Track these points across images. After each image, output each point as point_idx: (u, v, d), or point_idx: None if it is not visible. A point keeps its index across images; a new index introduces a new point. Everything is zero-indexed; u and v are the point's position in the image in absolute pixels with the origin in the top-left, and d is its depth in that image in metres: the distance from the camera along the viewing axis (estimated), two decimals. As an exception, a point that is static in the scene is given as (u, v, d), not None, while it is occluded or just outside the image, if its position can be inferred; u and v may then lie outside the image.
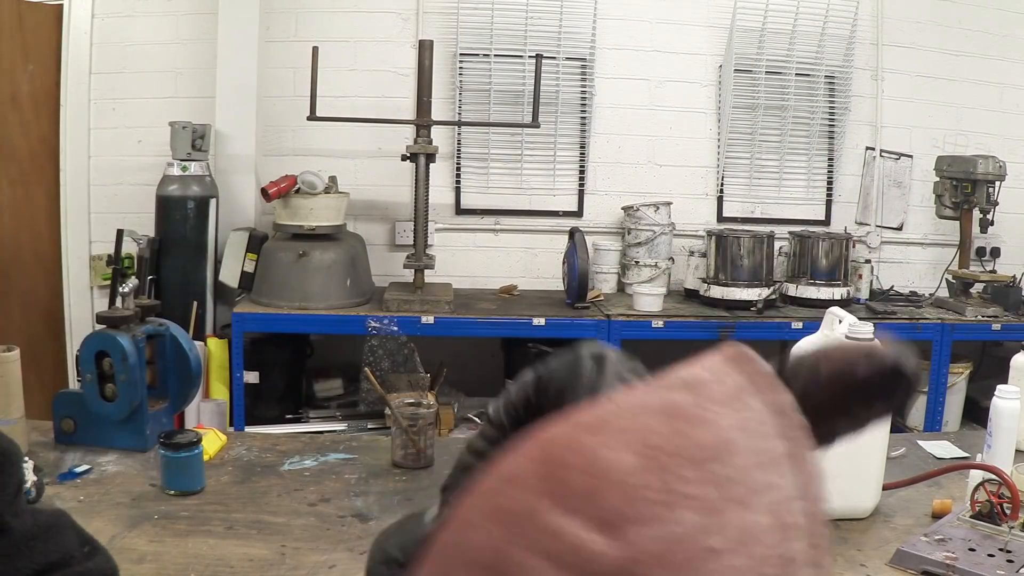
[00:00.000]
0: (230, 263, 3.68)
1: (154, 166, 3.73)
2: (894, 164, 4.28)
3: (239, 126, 3.83)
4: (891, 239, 4.31)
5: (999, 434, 1.66)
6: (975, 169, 3.73)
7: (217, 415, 3.38)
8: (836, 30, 4.15)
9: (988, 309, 3.77)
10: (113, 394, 1.78)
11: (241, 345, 3.42)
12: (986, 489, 1.49)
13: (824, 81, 4.20)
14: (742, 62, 4.13)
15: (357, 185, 3.96)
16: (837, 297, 3.73)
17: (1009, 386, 1.69)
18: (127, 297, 1.94)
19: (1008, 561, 1.37)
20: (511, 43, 4.02)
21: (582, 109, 4.12)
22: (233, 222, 3.78)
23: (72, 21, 3.82)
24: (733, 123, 4.18)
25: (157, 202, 3.65)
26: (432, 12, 4.01)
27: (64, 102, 3.84)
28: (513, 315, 3.56)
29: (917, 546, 1.41)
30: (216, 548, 1.41)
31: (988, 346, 4.02)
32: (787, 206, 4.27)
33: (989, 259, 4.20)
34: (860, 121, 4.25)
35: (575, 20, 4.05)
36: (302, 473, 1.77)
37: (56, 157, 3.87)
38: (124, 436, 1.81)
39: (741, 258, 3.70)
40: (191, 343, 1.93)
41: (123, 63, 3.88)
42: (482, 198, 4.13)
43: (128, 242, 3.47)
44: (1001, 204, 3.84)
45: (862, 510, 1.59)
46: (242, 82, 3.81)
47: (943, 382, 3.72)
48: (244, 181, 3.85)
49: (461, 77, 4.04)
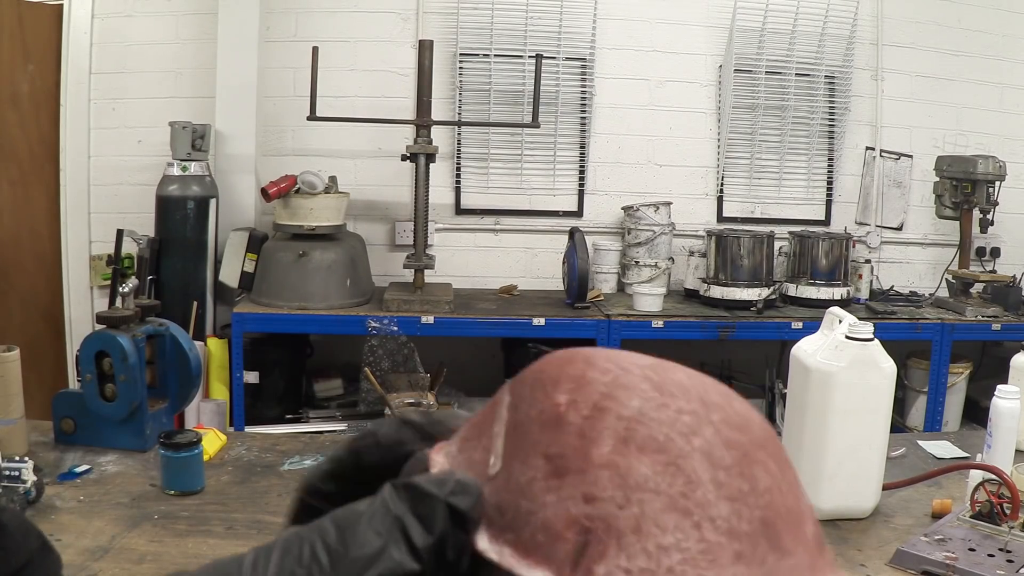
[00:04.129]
0: (230, 263, 3.68)
1: (154, 166, 3.73)
2: (894, 164, 4.28)
3: (239, 126, 3.83)
4: (891, 239, 4.31)
5: (999, 434, 1.66)
6: (975, 169, 3.73)
7: (217, 415, 3.38)
8: (836, 30, 4.15)
9: (988, 309, 3.77)
10: (113, 394, 1.78)
11: (241, 345, 3.42)
12: (986, 489, 1.49)
13: (824, 81, 4.20)
14: (742, 62, 4.13)
15: (357, 185, 3.96)
16: (837, 297, 3.73)
17: (1009, 386, 1.69)
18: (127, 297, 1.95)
19: (1008, 561, 1.37)
20: (511, 43, 4.03)
21: (582, 109, 4.12)
22: (233, 222, 3.78)
23: (72, 21, 3.82)
24: (733, 123, 4.18)
25: (157, 202, 3.65)
26: (432, 12, 4.01)
27: (64, 102, 3.84)
28: (513, 315, 3.56)
29: (917, 546, 1.41)
30: (216, 548, 1.41)
31: (988, 346, 4.02)
32: (787, 206, 4.28)
33: (989, 259, 4.20)
34: (860, 121, 4.26)
35: (575, 20, 4.05)
36: (302, 473, 1.77)
37: (56, 157, 3.87)
38: (124, 436, 1.81)
39: (741, 258, 3.70)
40: (191, 343, 1.93)
41: (123, 63, 3.88)
42: (482, 198, 4.13)
43: (128, 242, 3.49)
44: (1001, 204, 3.84)
45: (862, 510, 1.59)
46: (242, 82, 3.81)
47: (943, 382, 3.72)
48: (244, 181, 3.85)
49: (461, 77, 4.04)
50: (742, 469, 0.34)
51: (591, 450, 0.34)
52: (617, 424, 0.34)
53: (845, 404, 1.54)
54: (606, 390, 0.36)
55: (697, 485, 0.33)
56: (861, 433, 1.56)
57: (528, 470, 0.36)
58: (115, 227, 3.51)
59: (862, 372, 1.55)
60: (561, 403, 0.36)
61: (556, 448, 0.35)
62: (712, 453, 0.34)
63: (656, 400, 0.35)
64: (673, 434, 0.34)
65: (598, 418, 0.35)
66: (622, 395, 0.36)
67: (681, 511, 0.33)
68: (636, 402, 0.35)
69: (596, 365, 0.38)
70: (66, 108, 3.85)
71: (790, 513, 0.35)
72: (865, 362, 1.55)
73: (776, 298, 3.75)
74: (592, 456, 0.34)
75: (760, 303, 3.64)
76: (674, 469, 0.33)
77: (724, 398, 0.37)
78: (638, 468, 0.33)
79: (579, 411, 0.36)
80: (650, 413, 0.35)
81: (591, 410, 0.35)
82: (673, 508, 0.33)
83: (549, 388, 0.37)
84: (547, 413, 0.36)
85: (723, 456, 0.34)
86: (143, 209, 3.73)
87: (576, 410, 0.36)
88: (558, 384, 0.37)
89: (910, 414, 3.91)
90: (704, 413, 0.35)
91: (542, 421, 0.36)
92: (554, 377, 0.38)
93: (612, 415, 0.35)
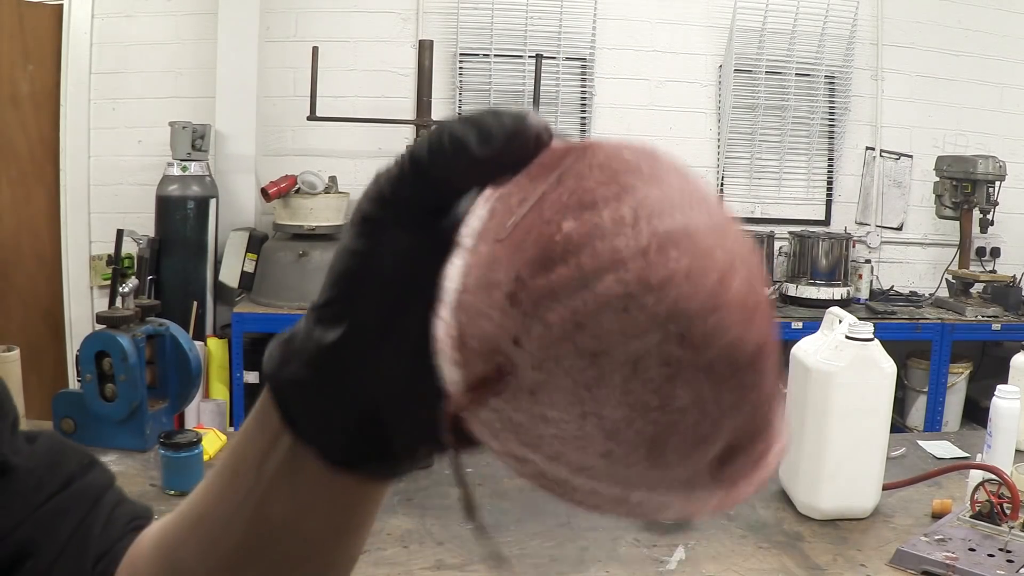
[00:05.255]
0: (230, 263, 3.69)
1: (154, 166, 3.73)
2: (894, 164, 4.28)
3: (239, 126, 3.83)
4: (891, 239, 4.31)
5: (999, 434, 1.66)
6: (975, 169, 3.73)
7: (217, 415, 3.38)
8: (836, 30, 4.15)
9: (988, 309, 3.77)
10: (113, 394, 1.78)
11: (241, 345, 3.42)
12: (986, 489, 1.49)
13: (824, 81, 4.20)
14: (742, 62, 4.13)
15: (357, 185, 3.96)
16: (837, 297, 3.73)
17: (1009, 386, 1.69)
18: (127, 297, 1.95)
19: (1008, 561, 1.37)
20: (511, 43, 4.03)
21: (582, 109, 4.12)
22: (233, 222, 3.78)
23: (72, 21, 3.82)
24: (733, 123, 4.18)
25: (157, 202, 3.65)
26: (432, 12, 4.01)
27: (64, 102, 3.84)
28: (513, 315, 3.55)
29: (917, 546, 1.41)
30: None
31: (988, 346, 4.02)
32: (787, 206, 4.28)
33: (989, 259, 4.20)
34: (860, 121, 4.26)
35: (575, 20, 4.05)
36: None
37: (56, 157, 3.87)
38: (124, 436, 1.81)
39: (741, 258, 3.69)
40: (191, 343, 1.93)
41: (123, 63, 3.88)
42: (482, 198, 4.12)
43: (128, 242, 3.49)
44: (1001, 204, 3.84)
45: (862, 510, 1.59)
46: (242, 82, 3.81)
47: (943, 382, 3.72)
48: (244, 181, 3.85)
49: (461, 77, 4.04)
50: (661, 385, 0.32)
51: (560, 293, 0.32)
52: (590, 298, 0.31)
53: (845, 404, 1.54)
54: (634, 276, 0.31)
55: (603, 386, 0.32)
56: (861, 433, 1.56)
57: (510, 268, 0.33)
58: (115, 227, 3.52)
59: (862, 372, 1.55)
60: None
61: (535, 276, 0.32)
62: (640, 363, 0.31)
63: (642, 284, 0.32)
64: (620, 334, 0.31)
65: (596, 278, 0.31)
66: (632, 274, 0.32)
67: (577, 399, 0.32)
68: (615, 285, 0.31)
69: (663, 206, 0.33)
70: (66, 108, 3.85)
71: (699, 437, 0.33)
72: (865, 362, 1.55)
73: (776, 298, 3.75)
74: (551, 307, 0.32)
75: (760, 303, 3.64)
76: (592, 362, 0.31)
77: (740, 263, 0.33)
78: (564, 345, 0.31)
79: (584, 265, 0.32)
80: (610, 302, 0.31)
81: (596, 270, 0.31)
82: (571, 393, 0.32)
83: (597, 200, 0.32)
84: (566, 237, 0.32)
85: (650, 371, 0.31)
86: (143, 209, 3.73)
87: (580, 262, 0.32)
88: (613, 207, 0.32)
89: (910, 414, 3.91)
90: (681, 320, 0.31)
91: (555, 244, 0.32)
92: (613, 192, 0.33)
93: (612, 278, 0.31)
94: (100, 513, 0.54)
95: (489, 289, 0.33)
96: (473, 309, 0.33)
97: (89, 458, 0.57)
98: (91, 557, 0.52)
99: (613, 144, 0.35)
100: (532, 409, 0.32)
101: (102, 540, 0.53)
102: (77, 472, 0.55)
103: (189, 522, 0.46)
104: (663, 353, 0.31)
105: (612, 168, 0.33)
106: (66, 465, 0.55)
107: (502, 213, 0.34)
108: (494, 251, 0.33)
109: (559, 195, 0.33)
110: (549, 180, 0.34)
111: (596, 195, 0.32)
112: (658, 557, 1.43)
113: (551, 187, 0.34)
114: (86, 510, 0.54)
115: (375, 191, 0.37)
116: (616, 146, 0.34)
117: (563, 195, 0.33)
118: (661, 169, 0.34)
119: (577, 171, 0.34)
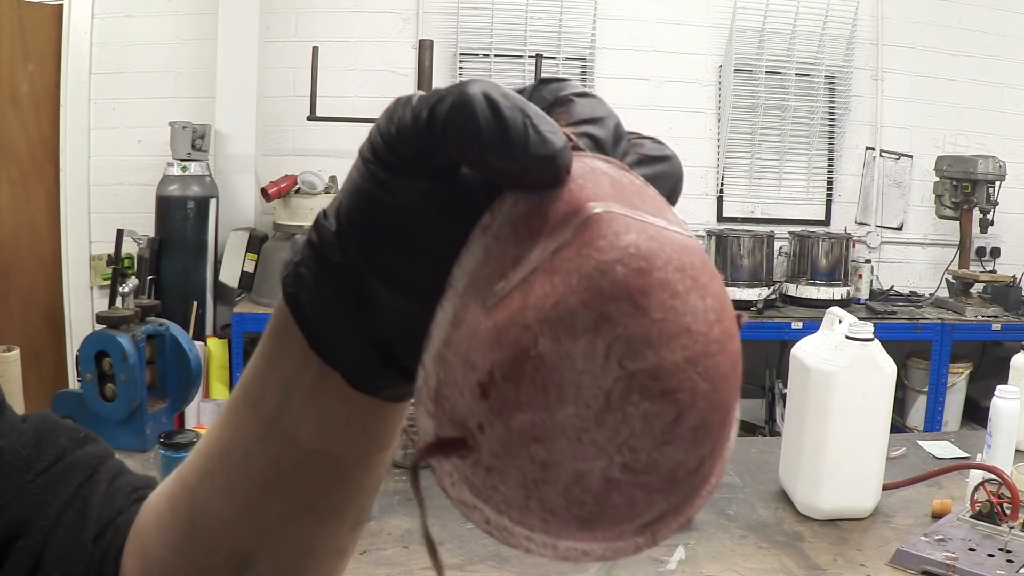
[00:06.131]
0: (230, 263, 3.69)
1: (154, 166, 3.73)
2: (894, 164, 4.28)
3: (239, 126, 3.83)
4: (891, 239, 4.31)
5: (999, 434, 1.66)
6: (975, 169, 3.73)
7: (217, 415, 3.38)
8: (836, 30, 4.15)
9: (988, 309, 3.77)
10: (113, 394, 1.78)
11: (241, 345, 3.42)
12: (986, 489, 1.49)
13: (824, 81, 4.20)
14: (742, 62, 4.13)
15: (357, 185, 3.96)
16: (837, 297, 3.73)
17: (1009, 386, 1.69)
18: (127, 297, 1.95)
19: (1008, 561, 1.37)
20: (511, 43, 4.03)
21: (582, 109, 4.12)
22: (233, 222, 3.78)
23: (72, 21, 3.82)
24: (733, 123, 4.18)
25: (157, 202, 3.65)
26: (432, 12, 4.01)
27: (64, 102, 3.84)
28: (513, 315, 3.55)
29: (917, 546, 1.42)
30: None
31: (988, 346, 4.03)
32: (787, 206, 4.28)
33: (989, 259, 4.20)
34: (860, 121, 4.26)
35: (575, 20, 4.05)
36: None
37: (56, 157, 3.87)
38: (124, 436, 1.81)
39: (741, 258, 3.70)
40: (191, 343, 1.93)
41: (123, 63, 3.88)
42: (482, 198, 4.13)
43: (128, 242, 3.49)
44: (1001, 204, 3.84)
45: (862, 510, 1.59)
46: (242, 82, 3.81)
47: (943, 382, 3.72)
48: (244, 181, 3.85)
49: (461, 77, 4.04)
50: (600, 493, 0.34)
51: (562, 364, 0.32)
52: (614, 378, 0.32)
53: (845, 404, 1.54)
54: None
55: (549, 485, 0.34)
56: (861, 433, 1.56)
57: (487, 357, 0.33)
58: (115, 227, 3.52)
59: (862, 372, 1.55)
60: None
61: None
62: (585, 478, 0.34)
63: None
64: (571, 455, 0.33)
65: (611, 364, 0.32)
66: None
67: (524, 487, 0.34)
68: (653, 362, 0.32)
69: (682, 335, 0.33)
70: (66, 108, 3.85)
71: (629, 519, 0.36)
72: (865, 362, 1.55)
73: (776, 298, 3.75)
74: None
75: (760, 303, 3.64)
76: (542, 467, 0.34)
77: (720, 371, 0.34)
78: (520, 449, 0.33)
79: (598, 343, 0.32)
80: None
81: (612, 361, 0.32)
82: (520, 483, 0.34)
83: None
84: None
85: (593, 485, 0.34)
86: (143, 209, 3.73)
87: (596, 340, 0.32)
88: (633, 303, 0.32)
89: (910, 414, 3.91)
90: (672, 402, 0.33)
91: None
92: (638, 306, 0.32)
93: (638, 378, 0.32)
94: (97, 485, 0.52)
95: (466, 367, 0.34)
96: (452, 374, 0.35)
97: (83, 432, 0.55)
98: (91, 530, 0.50)
99: (611, 248, 0.33)
100: (486, 480, 0.35)
101: (103, 512, 0.51)
102: (69, 447, 0.53)
103: (210, 461, 0.46)
104: (606, 475, 0.34)
105: (599, 288, 0.33)
106: (55, 443, 0.53)
107: (495, 264, 0.35)
108: (478, 321, 0.34)
109: (545, 290, 0.33)
110: (544, 249, 0.34)
111: (576, 318, 0.32)
112: (658, 557, 1.42)
113: (543, 263, 0.33)
114: (79, 482, 0.52)
115: (386, 127, 0.36)
116: (613, 258, 0.33)
117: (548, 293, 0.33)
118: (651, 293, 0.33)
119: (568, 266, 0.33)
